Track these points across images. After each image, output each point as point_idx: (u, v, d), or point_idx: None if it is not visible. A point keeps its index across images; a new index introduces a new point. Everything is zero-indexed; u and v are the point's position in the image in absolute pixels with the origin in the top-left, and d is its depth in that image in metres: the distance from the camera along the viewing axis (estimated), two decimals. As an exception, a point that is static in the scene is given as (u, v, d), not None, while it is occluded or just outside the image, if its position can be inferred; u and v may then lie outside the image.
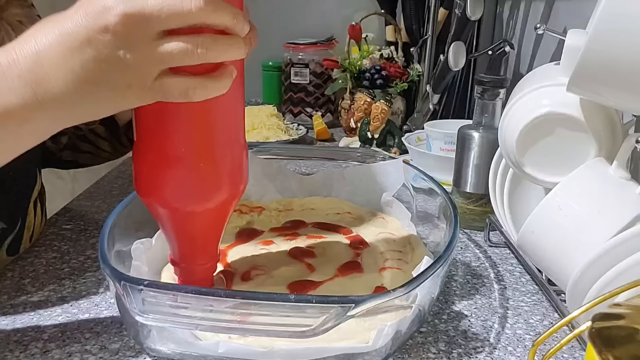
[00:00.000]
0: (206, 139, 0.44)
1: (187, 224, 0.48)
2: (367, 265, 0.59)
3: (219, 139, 0.45)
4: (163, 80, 0.38)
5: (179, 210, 0.46)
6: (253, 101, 1.55)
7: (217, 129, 0.45)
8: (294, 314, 0.41)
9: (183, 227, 0.48)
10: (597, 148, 0.52)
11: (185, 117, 0.43)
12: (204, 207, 0.46)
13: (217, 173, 0.46)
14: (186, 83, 0.38)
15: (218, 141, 0.45)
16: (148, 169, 0.46)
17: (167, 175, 0.45)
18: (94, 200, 0.85)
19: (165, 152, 0.44)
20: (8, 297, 0.57)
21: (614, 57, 0.43)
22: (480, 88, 0.74)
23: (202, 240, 0.50)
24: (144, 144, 0.45)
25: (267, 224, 0.70)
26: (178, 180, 0.45)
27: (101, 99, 0.39)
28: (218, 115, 0.44)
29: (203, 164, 0.44)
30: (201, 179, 0.45)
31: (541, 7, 1.00)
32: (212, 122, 0.44)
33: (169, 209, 0.47)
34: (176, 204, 0.46)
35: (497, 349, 0.50)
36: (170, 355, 0.46)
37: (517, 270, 0.66)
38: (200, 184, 0.45)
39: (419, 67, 1.23)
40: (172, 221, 0.48)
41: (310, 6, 1.53)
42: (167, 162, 0.44)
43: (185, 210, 0.46)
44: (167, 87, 0.38)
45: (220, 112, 0.44)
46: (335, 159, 0.81)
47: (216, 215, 0.48)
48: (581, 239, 0.48)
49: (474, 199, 0.76)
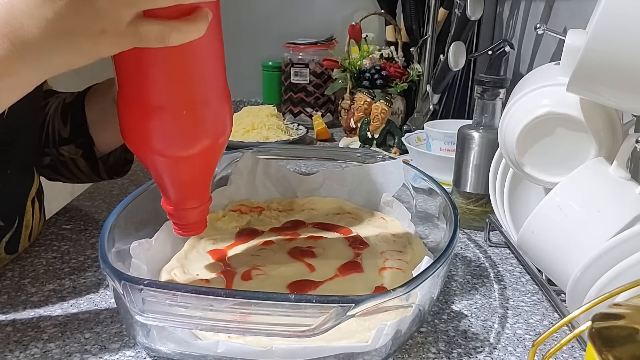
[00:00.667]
0: (187, 86, 0.44)
1: (175, 169, 0.48)
2: (367, 265, 0.59)
3: (200, 85, 0.45)
4: (137, 24, 0.38)
5: (166, 157, 0.47)
6: (253, 101, 1.56)
7: (197, 75, 0.44)
8: (293, 314, 0.41)
9: (172, 173, 0.49)
10: (597, 148, 0.52)
11: (164, 64, 0.43)
12: (190, 152, 0.46)
13: (200, 119, 0.46)
14: (161, 27, 0.38)
15: (199, 88, 0.45)
16: (132, 119, 0.46)
17: (151, 124, 0.45)
18: (94, 200, 0.85)
19: (148, 102, 0.44)
20: (8, 297, 0.57)
21: (614, 57, 0.43)
22: (480, 88, 0.74)
23: (192, 184, 0.50)
24: (126, 94, 0.45)
25: (267, 224, 0.70)
26: (162, 129, 0.45)
27: (77, 47, 0.39)
28: (197, 61, 0.44)
29: (186, 111, 0.44)
30: (185, 126, 0.45)
31: (541, 7, 1.00)
32: (191, 68, 0.44)
33: (156, 156, 0.47)
34: (162, 151, 0.46)
35: (497, 349, 0.50)
36: (170, 355, 0.46)
37: (517, 270, 0.66)
38: (185, 130, 0.45)
39: (419, 67, 1.23)
40: (160, 167, 0.48)
41: (310, 6, 1.53)
42: (150, 111, 0.44)
43: (171, 156, 0.47)
44: (141, 32, 0.38)
45: (199, 58, 0.44)
46: (335, 159, 0.81)
47: (203, 159, 0.49)
48: (581, 239, 0.48)
49: (474, 199, 0.76)
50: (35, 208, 0.67)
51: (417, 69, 1.23)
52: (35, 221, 0.67)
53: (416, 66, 1.24)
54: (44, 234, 0.72)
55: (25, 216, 0.65)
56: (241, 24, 1.52)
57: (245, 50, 1.53)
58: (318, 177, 0.78)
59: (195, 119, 0.45)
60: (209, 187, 0.53)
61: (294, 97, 1.39)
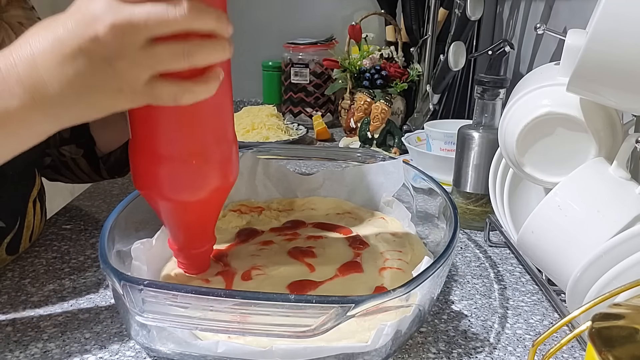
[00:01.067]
0: (196, 138, 0.47)
1: (182, 212, 0.51)
2: (367, 265, 0.59)
3: (208, 137, 0.47)
4: (153, 85, 0.40)
5: (174, 201, 0.49)
6: (253, 101, 1.56)
7: (205, 128, 0.47)
8: (293, 314, 0.41)
9: (179, 216, 0.52)
10: (597, 148, 0.52)
11: (175, 118, 0.45)
12: (196, 198, 0.49)
13: (207, 168, 0.48)
14: (175, 87, 0.40)
15: (207, 139, 0.47)
16: (142, 165, 0.48)
17: (160, 171, 0.47)
18: (94, 200, 0.85)
19: (157, 151, 0.47)
20: (8, 297, 0.57)
21: (614, 57, 0.43)
22: (480, 88, 0.74)
23: (197, 227, 0.54)
24: (137, 142, 0.48)
25: (267, 224, 0.70)
26: (171, 176, 0.47)
27: (95, 102, 0.41)
28: (206, 116, 0.46)
29: (195, 160, 0.47)
30: (193, 174, 0.48)
31: (541, 7, 1.00)
32: (201, 122, 0.46)
33: (164, 200, 0.49)
34: (170, 195, 0.49)
35: (497, 349, 0.50)
36: (170, 355, 0.46)
37: (517, 270, 0.66)
38: (192, 178, 0.48)
39: (419, 67, 1.23)
40: (168, 210, 0.51)
41: (310, 6, 1.53)
42: (159, 160, 0.47)
43: (179, 201, 0.49)
44: (156, 92, 0.40)
45: (209, 112, 0.46)
46: (335, 159, 0.81)
47: (209, 204, 0.52)
48: (581, 239, 0.47)
49: (474, 199, 0.76)
50: (37, 209, 0.68)
51: (417, 69, 1.23)
52: (36, 222, 0.67)
53: (416, 66, 1.24)
54: (44, 234, 0.72)
55: (26, 217, 0.65)
56: (241, 24, 1.52)
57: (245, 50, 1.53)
58: (318, 177, 0.78)
59: (202, 167, 0.48)
60: (214, 229, 0.56)
61: (294, 97, 1.39)
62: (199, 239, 0.55)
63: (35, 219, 0.67)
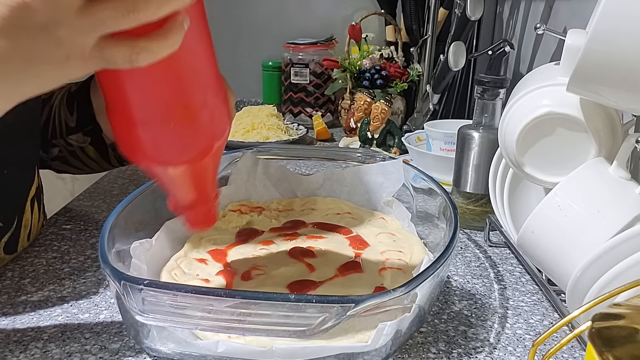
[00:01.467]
0: (170, 98, 0.40)
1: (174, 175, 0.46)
2: (367, 265, 0.59)
3: (185, 94, 0.41)
4: (103, 47, 0.35)
5: (162, 164, 0.44)
6: (253, 101, 1.56)
7: (180, 83, 0.40)
8: (294, 314, 0.41)
9: (172, 178, 0.47)
10: (597, 148, 0.52)
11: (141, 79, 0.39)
12: (186, 158, 0.44)
13: (191, 126, 0.42)
14: (127, 48, 0.35)
15: (184, 96, 0.41)
16: (120, 131, 0.43)
17: (141, 138, 0.42)
18: (94, 200, 0.85)
19: (131, 116, 0.41)
20: (8, 297, 0.57)
21: (614, 57, 0.43)
22: (480, 88, 0.74)
23: (196, 185, 0.48)
24: (111, 107, 0.42)
25: (267, 224, 0.70)
26: (153, 141, 0.42)
27: (43, 74, 0.37)
28: (176, 72, 0.39)
29: (173, 122, 0.41)
30: (177, 136, 0.42)
31: (541, 7, 1.00)
32: (173, 79, 0.40)
33: (152, 164, 0.44)
34: (159, 160, 0.44)
35: (497, 349, 0.50)
36: (170, 355, 0.46)
37: (517, 270, 0.66)
38: (177, 139, 0.42)
39: (419, 67, 1.23)
40: (161, 174, 0.46)
41: (310, 6, 1.53)
42: (134, 126, 0.41)
43: (167, 163, 0.44)
44: (107, 55, 0.35)
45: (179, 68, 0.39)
46: (335, 159, 0.81)
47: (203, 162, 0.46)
48: (581, 239, 0.47)
49: (474, 199, 0.76)
50: (35, 208, 0.67)
51: (417, 69, 1.23)
52: (34, 221, 0.67)
53: (416, 66, 1.24)
54: (44, 234, 0.72)
55: (24, 216, 0.65)
56: (241, 23, 1.52)
57: (245, 50, 1.53)
58: (318, 177, 0.78)
59: (184, 127, 0.42)
60: (215, 184, 0.50)
61: (294, 97, 1.39)
62: (199, 198, 0.49)
63: (33, 218, 0.67)
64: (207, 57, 0.42)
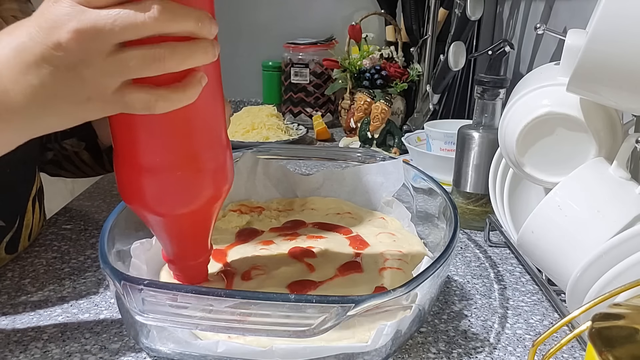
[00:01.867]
0: (180, 148, 0.42)
1: (173, 226, 0.47)
2: (367, 265, 0.59)
3: (195, 145, 0.43)
4: (124, 92, 0.37)
5: (161, 215, 0.46)
6: (253, 101, 1.56)
7: (191, 135, 0.43)
8: (294, 314, 0.41)
9: (170, 229, 0.48)
10: (597, 148, 0.52)
11: (156, 127, 0.41)
12: (186, 210, 0.45)
13: (196, 178, 0.44)
14: (147, 95, 0.37)
15: (194, 148, 0.43)
16: (126, 178, 0.44)
17: (145, 184, 0.43)
18: (94, 200, 0.85)
19: (139, 163, 0.43)
20: (8, 297, 0.57)
21: (614, 57, 0.43)
22: (480, 88, 0.74)
23: (191, 239, 0.50)
24: (118, 152, 0.44)
25: (267, 224, 0.70)
26: (156, 188, 0.44)
27: (62, 112, 0.38)
28: (192, 122, 0.42)
29: (180, 172, 0.43)
30: (180, 186, 0.44)
31: (541, 7, 1.00)
32: (186, 129, 0.42)
33: (152, 214, 0.46)
34: (158, 209, 0.45)
35: (497, 349, 0.50)
36: (170, 355, 0.46)
37: (517, 270, 0.66)
38: (180, 190, 0.44)
39: (419, 67, 1.23)
40: (158, 224, 0.47)
41: (310, 6, 1.53)
42: (142, 172, 0.43)
43: (167, 214, 0.45)
44: (127, 100, 0.37)
45: (194, 118, 0.42)
46: (335, 159, 0.81)
47: (202, 215, 0.47)
48: (581, 239, 0.48)
49: (474, 199, 0.76)
50: (36, 208, 0.67)
51: (417, 69, 1.23)
52: (35, 221, 0.67)
53: (416, 66, 1.24)
54: (44, 234, 0.72)
55: (25, 216, 0.65)
56: (241, 24, 1.52)
57: (245, 50, 1.53)
58: (318, 177, 0.78)
59: (190, 178, 0.44)
60: (208, 240, 0.51)
61: (294, 97, 1.39)
62: (193, 252, 0.51)
63: (35, 218, 0.67)
64: (218, 115, 0.45)
